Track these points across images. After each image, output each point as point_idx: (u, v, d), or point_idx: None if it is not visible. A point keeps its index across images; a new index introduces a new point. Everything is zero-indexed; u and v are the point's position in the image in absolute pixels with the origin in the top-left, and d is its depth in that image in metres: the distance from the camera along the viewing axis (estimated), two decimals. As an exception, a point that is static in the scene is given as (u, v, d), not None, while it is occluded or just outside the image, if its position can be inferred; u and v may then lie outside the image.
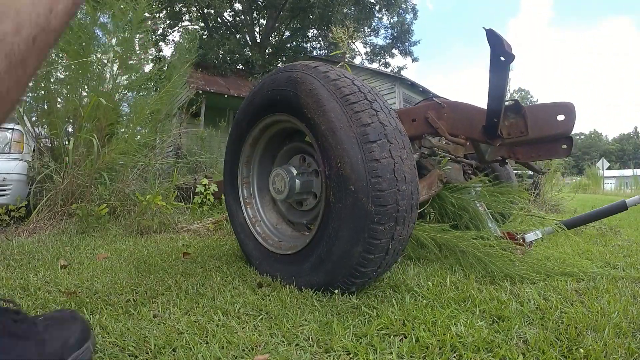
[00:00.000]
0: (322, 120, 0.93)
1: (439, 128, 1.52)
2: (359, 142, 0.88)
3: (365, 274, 0.92)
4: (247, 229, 1.29)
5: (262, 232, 1.28)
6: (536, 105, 1.48)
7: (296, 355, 0.67)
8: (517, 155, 1.69)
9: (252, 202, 1.35)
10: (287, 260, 1.09)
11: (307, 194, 1.19)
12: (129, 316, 0.83)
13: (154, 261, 1.36)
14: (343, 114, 0.90)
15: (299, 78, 1.01)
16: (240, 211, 1.33)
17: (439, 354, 0.67)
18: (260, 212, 1.34)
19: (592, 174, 12.83)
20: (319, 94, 0.95)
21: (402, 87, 10.18)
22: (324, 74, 0.98)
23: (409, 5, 15.56)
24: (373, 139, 0.87)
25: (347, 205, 0.89)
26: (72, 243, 1.74)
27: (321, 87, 0.95)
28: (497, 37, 1.10)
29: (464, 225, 1.57)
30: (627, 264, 1.40)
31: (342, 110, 0.91)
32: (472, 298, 0.94)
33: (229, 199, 1.37)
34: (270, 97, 1.11)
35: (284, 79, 1.05)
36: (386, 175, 0.87)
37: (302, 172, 1.17)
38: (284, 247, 1.16)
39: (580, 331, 0.76)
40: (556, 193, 4.21)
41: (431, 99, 1.63)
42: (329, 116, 0.92)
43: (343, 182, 0.90)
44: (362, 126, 0.88)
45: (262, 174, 1.36)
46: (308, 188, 1.17)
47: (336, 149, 0.91)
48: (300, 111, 1.00)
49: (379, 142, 0.88)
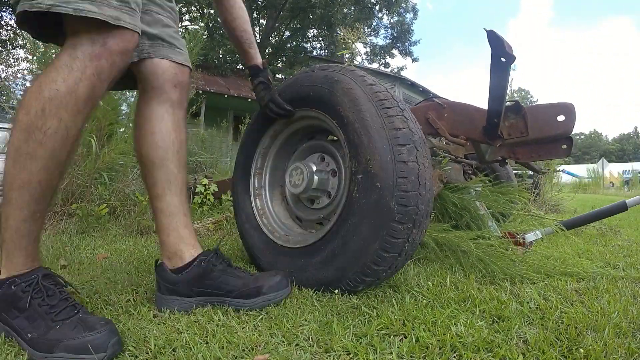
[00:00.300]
0: (357, 118, 0.98)
1: (439, 128, 1.52)
2: (390, 144, 0.93)
3: (376, 273, 0.94)
4: (254, 220, 1.30)
5: (268, 224, 1.28)
6: (536, 106, 1.48)
7: (296, 355, 0.67)
8: (517, 155, 1.69)
9: (262, 194, 1.36)
10: (295, 253, 1.10)
11: (322, 192, 1.21)
12: (129, 316, 0.83)
13: (154, 261, 1.36)
14: (377, 116, 0.96)
15: (336, 77, 1.06)
16: (249, 201, 1.34)
17: (439, 354, 0.67)
18: (269, 205, 1.35)
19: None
20: (356, 93, 1.00)
21: (402, 87, 10.19)
22: (362, 77, 1.04)
23: (409, 5, 15.58)
24: (403, 143, 0.93)
25: (371, 202, 0.92)
26: (72, 243, 1.74)
27: (358, 88, 1.01)
28: (497, 38, 1.10)
29: (465, 224, 1.57)
30: (627, 264, 1.40)
31: (377, 113, 0.96)
32: (472, 298, 0.94)
33: (238, 188, 1.38)
34: (303, 92, 1.14)
35: (321, 77, 1.10)
36: (411, 178, 0.91)
37: (321, 168, 1.21)
38: (292, 241, 1.17)
39: (580, 331, 0.76)
40: (556, 193, 4.21)
41: (431, 99, 1.64)
42: (364, 115, 0.97)
43: (370, 179, 0.93)
44: (394, 130, 0.94)
45: (275, 168, 1.38)
46: (324, 186, 1.20)
47: (368, 146, 0.95)
48: (333, 108, 1.05)
49: (408, 146, 0.93)
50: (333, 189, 1.19)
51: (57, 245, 1.68)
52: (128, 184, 2.55)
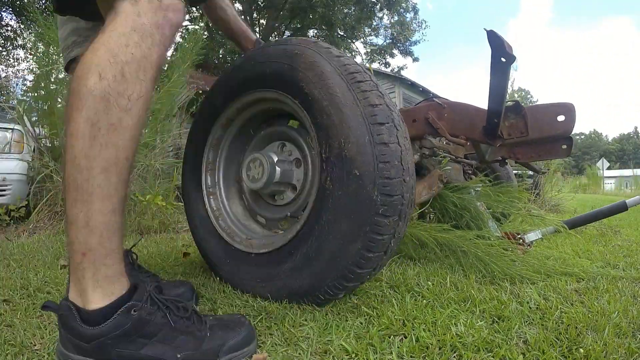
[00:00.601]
0: (325, 94, 0.84)
1: (439, 128, 1.52)
2: (366, 122, 0.79)
3: (359, 277, 0.83)
4: (210, 224, 1.13)
5: (226, 227, 1.12)
6: (536, 106, 1.48)
7: (296, 355, 0.67)
8: (517, 155, 1.69)
9: (217, 193, 1.19)
10: (261, 260, 0.96)
11: (286, 185, 1.07)
12: (129, 316, 0.83)
13: (154, 261, 1.36)
14: (349, 91, 0.82)
15: (297, 50, 0.91)
16: (202, 202, 1.17)
17: (439, 354, 0.67)
18: (226, 205, 1.19)
19: (592, 174, 12.84)
20: (321, 67, 0.86)
21: (402, 87, 10.19)
22: (327, 49, 0.90)
23: (410, 4, 15.60)
24: (382, 121, 0.80)
25: (349, 193, 0.79)
26: (72, 243, 1.73)
27: (324, 61, 0.87)
28: (498, 38, 1.10)
29: (465, 224, 1.57)
30: (627, 264, 1.40)
31: (348, 87, 0.82)
32: (472, 298, 0.94)
33: (188, 187, 1.21)
34: (258, 70, 0.98)
35: (279, 51, 0.94)
36: (394, 162, 0.79)
37: (283, 158, 1.05)
38: (256, 245, 1.01)
39: (580, 331, 0.76)
40: (556, 193, 4.22)
41: (432, 99, 1.64)
42: (334, 90, 0.83)
43: (346, 165, 0.80)
44: (370, 106, 0.80)
45: (230, 160, 1.21)
46: (288, 179, 1.05)
47: (340, 127, 0.81)
48: (295, 86, 0.90)
49: (387, 125, 0.80)
50: (299, 181, 1.05)
51: (57, 245, 1.68)
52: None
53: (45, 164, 2.45)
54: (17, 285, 1.05)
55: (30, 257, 1.41)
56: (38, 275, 1.15)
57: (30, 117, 2.74)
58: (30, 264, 1.32)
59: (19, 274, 1.17)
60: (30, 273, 1.18)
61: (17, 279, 1.11)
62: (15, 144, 2.59)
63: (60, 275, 1.17)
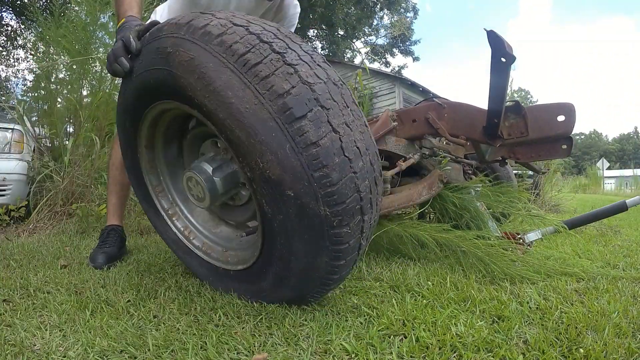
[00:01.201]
0: (216, 105, 0.66)
1: (439, 128, 1.52)
2: (280, 125, 0.62)
3: (339, 278, 0.80)
4: (183, 245, 1.07)
5: (201, 244, 1.06)
6: (536, 106, 1.48)
7: (296, 355, 0.67)
8: (517, 155, 1.69)
9: (178, 212, 1.11)
10: (242, 277, 0.92)
11: (236, 187, 0.93)
12: (129, 316, 0.83)
13: (154, 261, 1.36)
14: (245, 87, 0.63)
15: (169, 47, 0.72)
16: (167, 226, 1.09)
17: (439, 354, 0.67)
18: (191, 220, 1.10)
19: (592, 174, 12.84)
20: (202, 64, 0.67)
21: (402, 87, 10.18)
22: (202, 29, 0.69)
23: (409, 4, 15.61)
24: (300, 113, 0.62)
25: (291, 216, 0.68)
26: (72, 243, 1.74)
27: (203, 52, 0.67)
28: (498, 38, 1.10)
29: (465, 224, 1.57)
30: (627, 264, 1.40)
31: (242, 81, 0.63)
32: (472, 298, 0.94)
33: (150, 216, 1.15)
34: (142, 83, 0.83)
35: (152, 53, 0.77)
36: (334, 161, 0.63)
37: (218, 163, 0.89)
38: (232, 260, 0.96)
39: (580, 331, 0.76)
40: (556, 193, 4.21)
41: (431, 99, 1.64)
42: (225, 96, 0.64)
43: (275, 189, 0.66)
44: (278, 98, 0.62)
45: (175, 174, 1.11)
46: (234, 181, 0.91)
47: (249, 144, 0.64)
48: (184, 95, 0.72)
49: (310, 114, 0.62)
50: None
51: (57, 245, 1.68)
52: (128, 184, 2.54)
53: (45, 164, 2.45)
54: (17, 285, 1.05)
55: (30, 257, 1.41)
56: (38, 275, 1.15)
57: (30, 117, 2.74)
58: (30, 264, 1.32)
59: (19, 274, 1.17)
60: (30, 273, 1.18)
61: (17, 279, 1.11)
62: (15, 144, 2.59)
63: (60, 275, 1.17)
